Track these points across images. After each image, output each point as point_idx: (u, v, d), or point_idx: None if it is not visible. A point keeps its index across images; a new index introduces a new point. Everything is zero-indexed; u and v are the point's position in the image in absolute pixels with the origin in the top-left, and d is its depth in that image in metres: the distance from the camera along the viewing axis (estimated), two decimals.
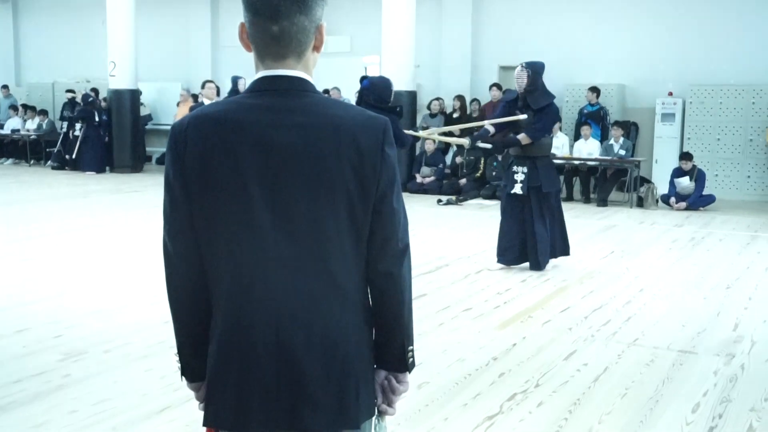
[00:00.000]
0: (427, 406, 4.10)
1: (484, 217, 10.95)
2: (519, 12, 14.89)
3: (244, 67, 17.53)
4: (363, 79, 6.86)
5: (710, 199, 11.97)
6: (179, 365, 1.90)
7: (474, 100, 14.59)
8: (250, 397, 1.73)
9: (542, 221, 7.26)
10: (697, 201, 11.80)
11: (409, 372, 1.88)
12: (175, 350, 1.90)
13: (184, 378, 1.92)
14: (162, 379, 4.44)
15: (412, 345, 1.87)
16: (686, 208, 11.67)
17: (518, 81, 7.22)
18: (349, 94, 14.65)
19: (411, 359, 1.87)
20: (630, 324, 5.70)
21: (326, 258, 1.71)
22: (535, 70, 7.24)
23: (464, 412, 4.03)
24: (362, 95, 6.76)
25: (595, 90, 13.42)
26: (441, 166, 13.75)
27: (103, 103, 16.62)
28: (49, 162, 17.30)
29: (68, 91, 17.59)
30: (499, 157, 13.14)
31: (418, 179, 13.58)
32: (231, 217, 1.69)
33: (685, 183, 11.85)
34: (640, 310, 6.11)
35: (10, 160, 18.20)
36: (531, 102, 7.22)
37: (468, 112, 14.32)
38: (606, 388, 4.40)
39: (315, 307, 1.72)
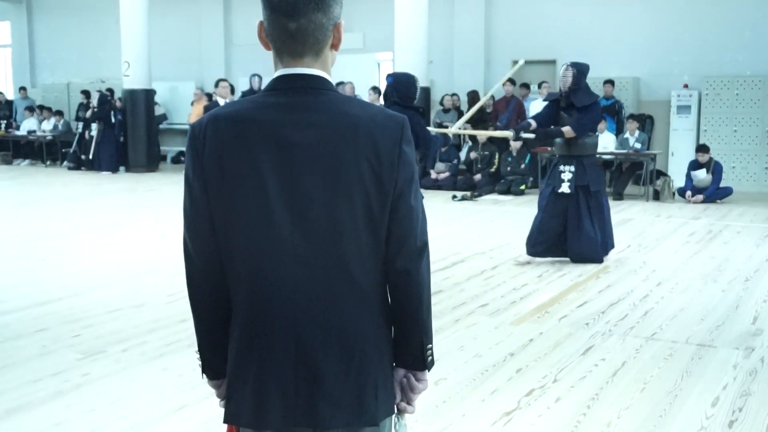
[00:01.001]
0: (444, 403, 4.09)
1: (499, 213, 10.92)
2: (532, 6, 14.83)
3: (258, 66, 17.59)
4: (388, 76, 6.81)
5: (727, 191, 11.88)
6: (200, 363, 1.91)
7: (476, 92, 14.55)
8: (270, 394, 1.73)
9: (590, 220, 7.35)
10: (714, 193, 11.72)
11: (428, 370, 1.87)
12: (196, 348, 1.91)
13: (205, 375, 1.93)
14: (179, 377, 4.45)
15: (431, 343, 1.86)
16: (703, 201, 11.58)
17: (563, 80, 7.30)
18: (363, 91, 14.64)
19: (430, 357, 1.86)
20: (647, 318, 5.67)
21: (344, 256, 1.71)
22: (579, 69, 7.34)
23: (481, 408, 4.02)
24: (387, 93, 6.71)
25: (610, 83, 13.35)
26: (455, 161, 13.73)
27: (118, 103, 16.69)
28: (65, 162, 17.39)
29: (83, 91, 17.68)
30: (514, 153, 13.11)
31: (433, 175, 13.56)
32: (249, 215, 1.70)
33: (701, 175, 11.77)
34: (658, 304, 6.07)
35: (26, 161, 18.32)
36: (575, 100, 7.30)
37: (483, 107, 14.26)
38: (624, 383, 4.38)
39: (333, 305, 1.73)
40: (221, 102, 11.12)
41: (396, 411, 1.87)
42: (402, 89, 6.52)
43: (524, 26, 14.91)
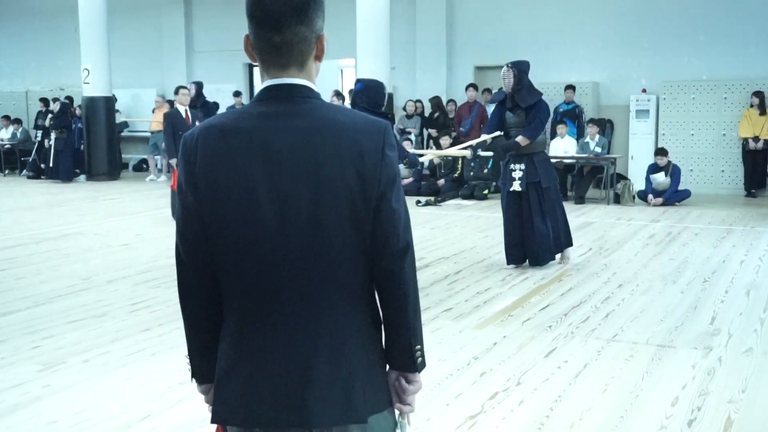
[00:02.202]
0: None
1: (462, 218, 10.98)
2: (493, 12, 14.95)
3: (218, 72, 17.54)
4: (357, 82, 6.82)
5: (686, 194, 12.08)
6: (189, 368, 1.93)
7: (450, 100, 14.64)
8: (260, 394, 1.77)
9: (541, 217, 7.37)
10: (673, 196, 11.90)
11: (419, 372, 1.88)
12: (186, 353, 1.93)
13: (194, 380, 1.95)
14: (142, 387, 4.41)
15: (420, 344, 1.87)
16: (662, 204, 11.76)
17: (505, 81, 7.34)
18: (326, 95, 14.63)
19: (420, 359, 1.87)
20: (609, 320, 5.74)
21: (331, 258, 1.76)
22: (520, 68, 7.38)
23: (446, 412, 4.04)
24: (355, 98, 6.71)
25: (571, 88, 13.51)
26: (419, 167, 13.75)
27: (77, 111, 16.50)
28: (24, 171, 17.14)
29: (42, 99, 17.44)
30: (477, 158, 13.20)
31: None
32: (239, 221, 1.75)
33: (660, 179, 11.95)
34: (619, 306, 6.15)
35: None
36: (519, 100, 7.35)
37: (445, 112, 14.34)
38: (586, 385, 4.43)
39: (322, 307, 1.77)
40: (181, 109, 10.97)
41: (397, 413, 1.90)
42: (371, 95, 6.54)
43: (486, 32, 15.03)
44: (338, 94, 13.99)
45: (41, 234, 9.70)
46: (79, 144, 16.37)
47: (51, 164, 16.18)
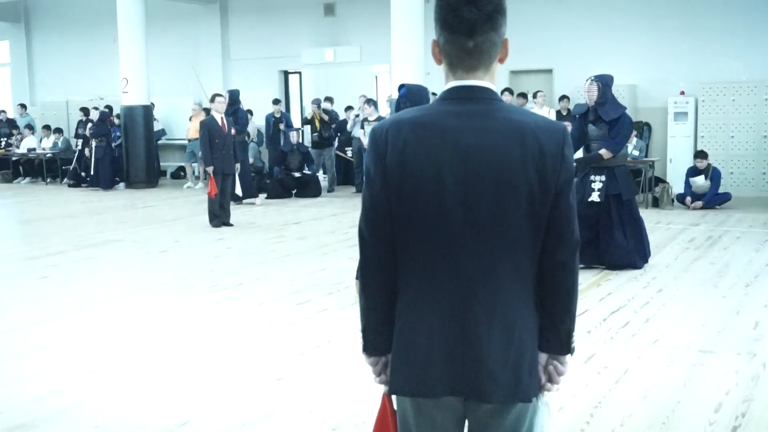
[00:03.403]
0: None
1: None
2: (529, 16, 14.85)
3: (254, 80, 17.66)
4: (401, 86, 6.83)
5: (726, 197, 11.89)
6: (363, 341, 2.10)
7: None
8: (436, 367, 1.94)
9: (621, 229, 7.45)
10: (713, 199, 11.72)
11: (571, 355, 2.05)
12: (360, 327, 2.10)
13: (364, 353, 2.11)
14: (182, 392, 4.43)
15: (575, 331, 2.05)
16: (702, 207, 11.59)
17: (588, 94, 7.52)
18: (358, 103, 14.67)
19: (573, 344, 2.06)
20: (649, 325, 5.67)
21: (509, 248, 1.92)
22: (604, 82, 7.47)
23: None
24: (399, 103, 6.72)
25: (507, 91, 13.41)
26: None
27: (116, 120, 16.71)
28: (65, 179, 17.41)
29: (82, 109, 17.70)
30: None
31: None
32: (426, 209, 1.91)
33: (700, 182, 11.78)
34: (659, 310, 6.06)
35: (27, 179, 18.35)
36: (602, 114, 7.47)
37: None
38: (627, 391, 4.37)
39: (497, 291, 1.93)
40: (217, 117, 11.06)
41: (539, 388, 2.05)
42: (414, 99, 6.53)
43: (520, 35, 14.90)
44: (369, 101, 13.97)
45: (82, 241, 9.83)
46: (118, 152, 16.57)
47: (91, 173, 16.40)
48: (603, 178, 7.41)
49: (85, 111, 17.44)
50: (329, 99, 15.98)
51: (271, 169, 15.03)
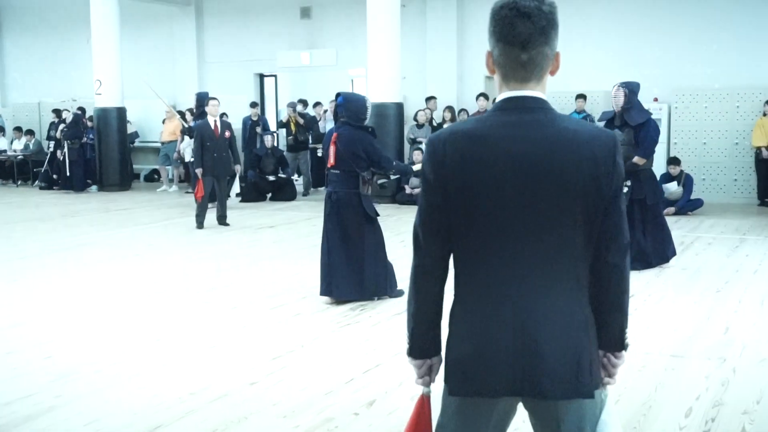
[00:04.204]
0: None
1: None
2: None
3: (230, 83, 17.59)
4: (338, 95, 6.81)
5: (698, 204, 12.03)
6: (408, 344, 2.21)
7: (462, 110, 14.62)
8: (496, 368, 2.02)
9: (642, 232, 7.63)
10: (686, 205, 11.85)
11: (625, 351, 2.17)
12: (408, 331, 2.20)
13: (409, 356, 2.21)
14: (153, 397, 4.42)
15: (627, 327, 2.16)
16: (675, 213, 11.71)
17: (615, 100, 7.73)
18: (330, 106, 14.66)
19: (626, 340, 2.17)
20: None
21: (563, 251, 2.02)
22: (631, 89, 7.63)
23: None
24: (336, 112, 6.70)
25: (582, 97, 13.48)
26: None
27: (89, 123, 16.58)
28: (36, 182, 17.24)
29: (54, 110, 17.54)
30: None
31: (407, 190, 13.57)
32: (485, 217, 2.02)
33: (673, 188, 11.90)
34: (631, 315, 6.04)
35: None
36: (628, 119, 7.65)
37: (456, 122, 14.33)
38: None
39: (554, 292, 2.02)
40: (211, 120, 11.09)
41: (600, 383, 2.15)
42: (352, 108, 6.51)
43: None
44: None
45: (53, 244, 9.74)
46: (91, 155, 16.44)
47: (65, 175, 16.24)
48: (629, 183, 7.49)
49: (58, 113, 17.30)
50: (303, 101, 15.95)
51: (245, 172, 14.99)
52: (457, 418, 2.15)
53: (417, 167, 8.80)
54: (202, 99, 13.33)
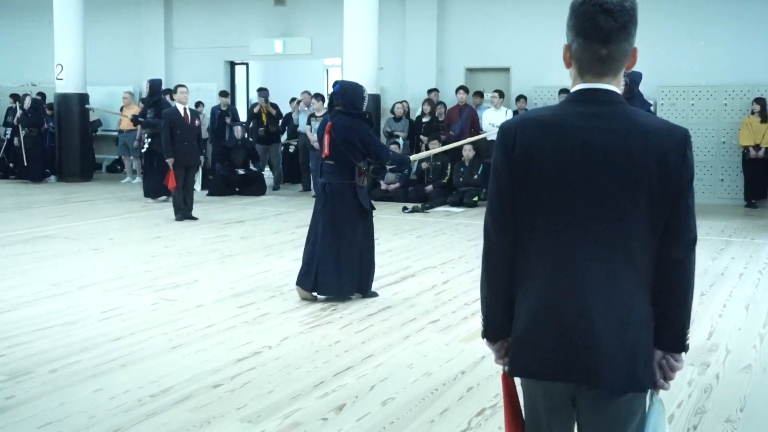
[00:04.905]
0: (392, 424, 4.08)
1: (451, 225, 10.98)
2: (486, 12, 14.98)
3: (199, 71, 17.48)
4: (335, 83, 6.80)
5: None
6: (483, 327, 2.34)
7: (440, 103, 14.61)
8: (557, 354, 2.13)
9: None
10: None
11: (685, 352, 2.21)
12: (482, 314, 2.34)
13: (485, 339, 2.35)
14: (112, 399, 4.37)
15: (689, 328, 2.21)
16: None
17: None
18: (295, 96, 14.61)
19: (687, 341, 2.21)
20: None
21: (628, 243, 2.10)
22: (633, 78, 7.61)
23: (431, 429, 4.02)
24: (332, 100, 6.69)
25: (565, 92, 13.52)
26: (406, 172, 13.75)
27: (48, 111, 16.38)
28: None
29: (12, 95, 17.33)
30: (467, 163, 13.22)
31: (383, 186, 13.59)
32: (551, 203, 2.13)
33: None
34: None
35: None
36: None
37: (435, 115, 14.32)
38: None
39: (615, 285, 2.11)
40: (180, 108, 11.04)
41: (653, 385, 2.21)
42: (348, 97, 6.52)
43: (478, 33, 15.05)
44: (317, 96, 13.93)
45: (9, 237, 9.63)
46: (50, 143, 16.26)
47: (23, 164, 16.05)
48: None
49: (16, 98, 17.07)
50: (262, 90, 15.70)
51: (213, 164, 14.92)
52: (527, 400, 2.30)
53: (414, 158, 8.82)
54: (157, 86, 13.28)
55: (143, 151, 13.24)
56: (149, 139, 12.91)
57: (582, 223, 2.11)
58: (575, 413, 2.25)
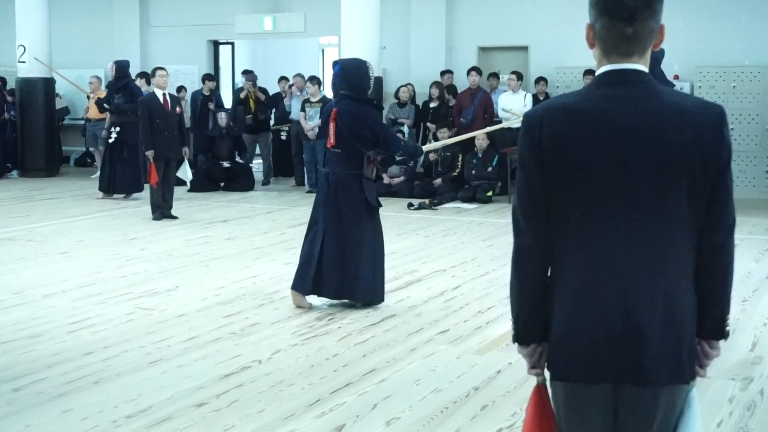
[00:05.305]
0: None
1: (462, 224, 10.99)
2: None
3: (178, 52, 17.47)
4: (335, 63, 6.76)
5: None
6: (514, 331, 2.40)
7: (449, 86, 14.60)
8: (600, 353, 2.23)
9: None
10: None
11: (725, 339, 2.34)
12: (512, 316, 2.39)
13: (516, 343, 2.40)
14: (83, 421, 4.39)
15: (729, 314, 2.34)
16: None
17: None
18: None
19: (727, 327, 2.35)
20: None
21: (669, 229, 2.22)
22: (654, 56, 7.49)
23: None
24: (334, 83, 6.66)
25: (590, 73, 13.53)
26: (412, 164, 13.75)
27: (9, 98, 16.38)
28: None
29: None
30: (480, 153, 13.23)
31: (386, 180, 13.59)
32: (585, 193, 2.22)
33: None
34: None
35: None
36: None
37: (445, 100, 14.32)
38: None
39: (658, 273, 2.22)
40: (159, 93, 11.04)
41: None
42: (352, 79, 6.48)
43: (492, 7, 15.04)
44: (313, 79, 13.93)
45: None
46: (11, 134, 16.28)
47: None
48: None
49: None
50: (249, 72, 15.74)
51: (195, 156, 14.94)
52: (565, 406, 2.35)
53: (427, 147, 8.85)
54: (124, 68, 13.26)
55: (110, 141, 13.14)
56: (117, 128, 12.89)
57: (620, 213, 2.21)
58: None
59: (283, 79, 15.77)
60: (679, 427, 2.32)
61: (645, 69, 2.29)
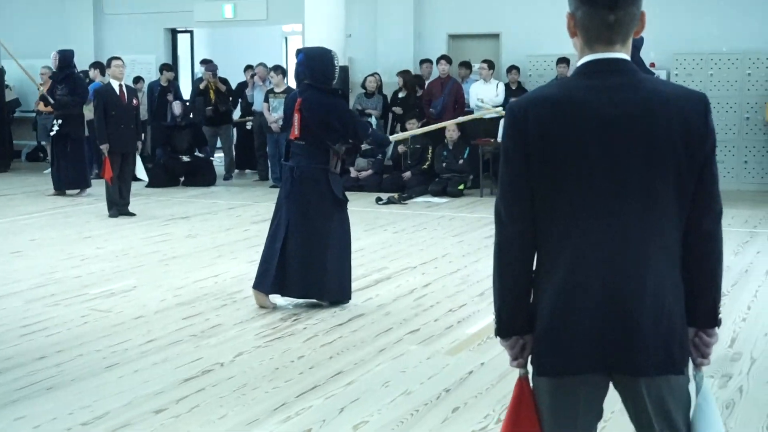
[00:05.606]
0: None
1: (432, 219, 11.01)
2: None
3: (134, 40, 17.36)
4: (298, 52, 6.73)
5: None
6: (495, 324, 2.48)
7: (416, 76, 14.61)
8: (587, 345, 2.31)
9: None
10: None
11: (718, 327, 2.41)
12: (494, 309, 2.46)
13: (498, 336, 2.48)
14: (36, 428, 4.36)
15: (720, 302, 2.43)
16: None
17: None
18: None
19: (720, 315, 2.43)
20: None
21: (656, 218, 2.30)
22: (634, 44, 7.50)
23: None
24: (298, 73, 6.63)
25: (564, 61, 13.58)
26: (380, 157, 13.76)
27: None
28: None
29: None
30: (450, 146, 13.25)
31: (353, 173, 13.58)
32: (572, 185, 2.29)
33: None
34: None
35: None
36: None
37: (413, 90, 14.34)
38: None
39: (645, 262, 2.30)
40: (115, 84, 10.98)
41: (693, 366, 2.44)
42: (316, 68, 6.47)
43: None
44: (277, 68, 13.89)
45: None
46: None
47: None
48: None
49: None
50: (208, 62, 15.68)
51: (153, 150, 14.85)
52: (549, 401, 2.41)
53: (395, 137, 8.85)
54: (69, 58, 13.15)
55: (51, 134, 12.99)
56: (59, 121, 12.76)
57: (608, 204, 2.29)
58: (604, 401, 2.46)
59: (249, 68, 15.70)
60: (698, 421, 2.40)
61: (628, 57, 2.35)
